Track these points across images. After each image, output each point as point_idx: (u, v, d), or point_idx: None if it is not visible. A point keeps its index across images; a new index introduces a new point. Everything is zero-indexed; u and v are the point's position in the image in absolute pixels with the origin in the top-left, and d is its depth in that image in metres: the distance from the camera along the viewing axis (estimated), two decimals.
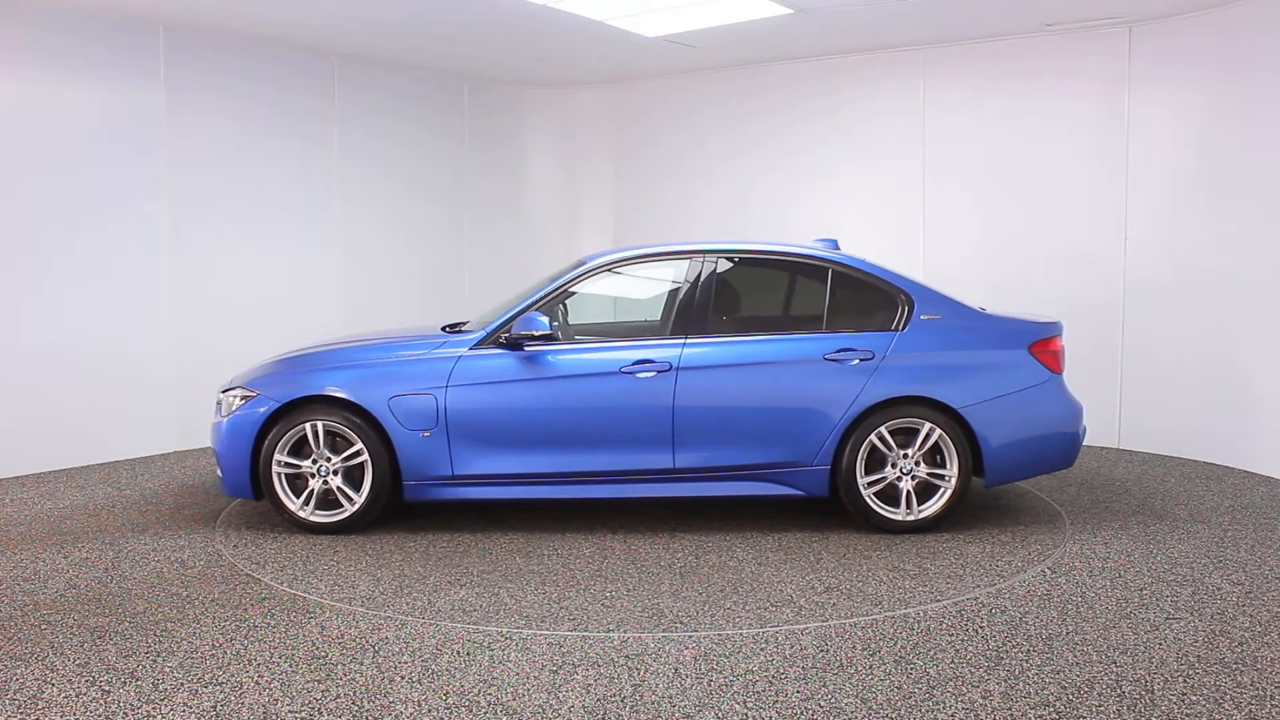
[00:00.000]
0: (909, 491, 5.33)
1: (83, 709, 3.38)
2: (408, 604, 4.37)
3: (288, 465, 5.42)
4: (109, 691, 3.51)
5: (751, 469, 5.38)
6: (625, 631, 4.03)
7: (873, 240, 7.98)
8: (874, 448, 5.32)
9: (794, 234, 8.07)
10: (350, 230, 8.75)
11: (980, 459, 5.36)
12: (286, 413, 5.42)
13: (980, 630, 4.01)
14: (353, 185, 8.74)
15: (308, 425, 5.38)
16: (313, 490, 5.43)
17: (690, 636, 3.98)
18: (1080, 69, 7.55)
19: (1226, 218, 6.88)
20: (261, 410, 5.42)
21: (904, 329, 5.41)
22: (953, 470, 5.32)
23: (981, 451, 5.33)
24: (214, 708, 3.37)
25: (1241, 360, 6.78)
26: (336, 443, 5.43)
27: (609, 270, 5.71)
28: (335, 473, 5.43)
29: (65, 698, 3.46)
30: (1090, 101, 7.53)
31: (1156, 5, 6.90)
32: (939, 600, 4.36)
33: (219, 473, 5.57)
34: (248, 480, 5.44)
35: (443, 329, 5.90)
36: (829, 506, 5.73)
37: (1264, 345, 6.62)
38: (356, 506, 5.41)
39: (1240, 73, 6.78)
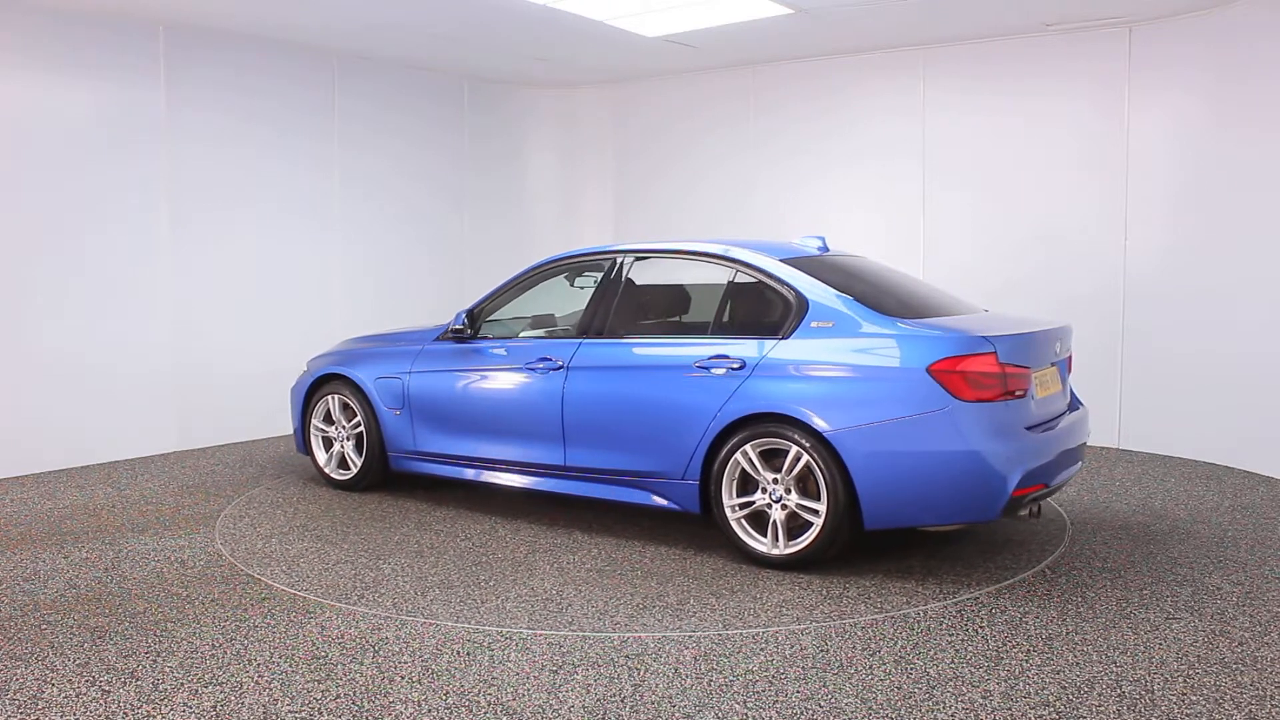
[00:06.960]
0: (777, 521, 4.69)
1: (83, 709, 3.38)
2: (407, 603, 4.38)
3: (319, 429, 6.51)
4: (109, 691, 3.51)
5: (629, 475, 5.16)
6: (625, 631, 4.04)
7: (872, 240, 7.99)
8: (753, 467, 4.74)
9: (792, 233, 8.05)
10: (351, 228, 8.75)
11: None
12: (321, 385, 6.51)
13: (980, 630, 4.01)
14: (353, 183, 8.74)
15: (329, 398, 6.43)
16: (333, 452, 6.47)
17: (691, 636, 3.98)
18: (1079, 69, 7.54)
19: (1226, 217, 6.88)
20: (305, 382, 6.58)
21: (788, 337, 4.75)
22: (822, 504, 4.57)
23: (855, 485, 4.50)
24: (214, 708, 3.37)
25: (1241, 360, 6.78)
26: (351, 414, 6.36)
27: (549, 272, 5.82)
28: (348, 439, 6.38)
29: (65, 698, 3.46)
30: (1090, 101, 7.53)
31: (1156, 6, 6.90)
32: (939, 600, 4.37)
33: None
34: (301, 438, 6.60)
35: (436, 327, 6.27)
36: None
37: (1264, 345, 6.62)
38: (356, 469, 6.33)
39: (1240, 73, 6.78)
